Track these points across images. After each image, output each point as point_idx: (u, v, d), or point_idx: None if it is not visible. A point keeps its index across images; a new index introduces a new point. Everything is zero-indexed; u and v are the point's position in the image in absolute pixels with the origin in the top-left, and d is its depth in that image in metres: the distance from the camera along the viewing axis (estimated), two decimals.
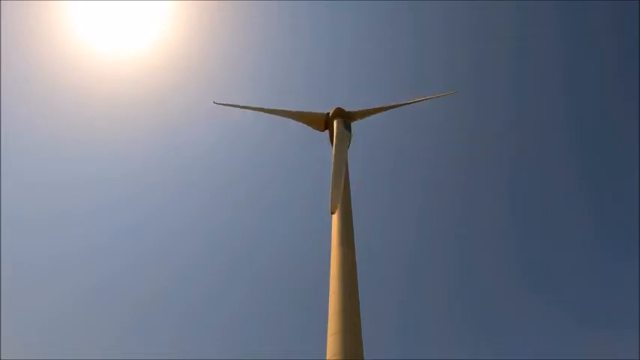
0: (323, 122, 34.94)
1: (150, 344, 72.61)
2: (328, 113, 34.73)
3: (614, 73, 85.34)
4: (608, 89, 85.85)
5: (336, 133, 31.16)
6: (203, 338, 74.56)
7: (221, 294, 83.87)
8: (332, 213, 22.00)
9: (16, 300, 74.46)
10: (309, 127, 36.03)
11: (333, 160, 26.70)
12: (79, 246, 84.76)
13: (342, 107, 34.82)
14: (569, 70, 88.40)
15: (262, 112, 36.93)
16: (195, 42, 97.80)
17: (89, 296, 78.44)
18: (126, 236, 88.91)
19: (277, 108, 36.06)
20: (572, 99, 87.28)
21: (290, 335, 74.85)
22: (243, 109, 38.11)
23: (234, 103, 38.60)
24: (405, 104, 36.51)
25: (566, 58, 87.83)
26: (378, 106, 35.71)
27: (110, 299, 78.66)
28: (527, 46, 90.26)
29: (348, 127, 33.28)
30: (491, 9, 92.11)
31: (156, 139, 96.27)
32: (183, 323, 76.00)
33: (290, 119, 35.97)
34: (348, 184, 28.01)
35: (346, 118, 33.99)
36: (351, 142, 33.63)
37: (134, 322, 76.45)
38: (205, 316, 79.14)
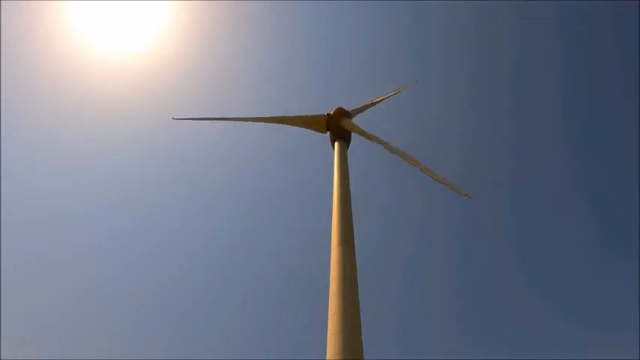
0: (324, 124, 33.82)
1: (150, 344, 72.49)
2: (329, 114, 34.11)
3: (615, 72, 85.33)
4: (609, 89, 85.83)
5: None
6: (203, 338, 74.42)
7: (221, 294, 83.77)
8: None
9: (16, 300, 74.37)
10: (310, 129, 34.97)
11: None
12: (79, 246, 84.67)
13: (343, 107, 34.65)
14: (570, 70, 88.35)
15: (260, 122, 34.16)
16: (195, 42, 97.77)
17: (89, 296, 78.35)
18: (126, 236, 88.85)
19: (275, 116, 33.87)
20: (574, 99, 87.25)
21: (290, 335, 74.73)
22: (241, 122, 34.45)
23: (211, 116, 34.22)
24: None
25: (566, 58, 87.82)
26: (370, 101, 40.35)
27: (110, 300, 78.57)
28: (527, 46, 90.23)
29: (348, 133, 32.81)
30: (492, 9, 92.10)
31: (155, 139, 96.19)
32: (184, 324, 75.90)
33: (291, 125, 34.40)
34: (348, 182, 27.72)
35: (347, 117, 33.69)
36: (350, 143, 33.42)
37: (134, 322, 76.36)
38: (205, 317, 79.03)
